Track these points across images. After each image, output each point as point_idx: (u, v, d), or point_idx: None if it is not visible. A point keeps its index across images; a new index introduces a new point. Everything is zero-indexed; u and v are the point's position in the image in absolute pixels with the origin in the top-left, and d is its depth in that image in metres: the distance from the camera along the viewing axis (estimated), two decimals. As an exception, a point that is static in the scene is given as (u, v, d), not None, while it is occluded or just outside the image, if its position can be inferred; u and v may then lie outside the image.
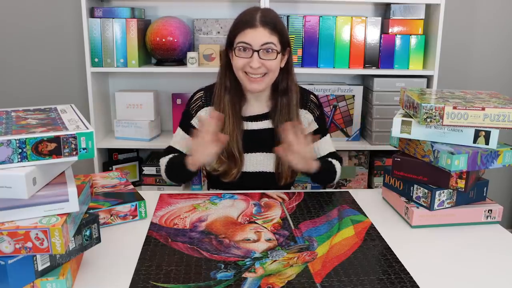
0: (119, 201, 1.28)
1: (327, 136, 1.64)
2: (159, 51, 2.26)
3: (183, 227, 1.24)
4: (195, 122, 1.56)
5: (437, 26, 2.22)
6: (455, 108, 1.21)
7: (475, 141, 1.24)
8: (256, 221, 1.28)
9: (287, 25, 2.26)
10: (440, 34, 2.21)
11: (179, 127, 1.61)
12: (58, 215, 0.90)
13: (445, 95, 1.36)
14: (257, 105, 1.56)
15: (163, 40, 2.23)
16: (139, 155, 2.52)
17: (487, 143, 1.23)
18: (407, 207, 1.30)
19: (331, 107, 2.36)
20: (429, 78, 2.30)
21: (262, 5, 2.16)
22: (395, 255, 1.11)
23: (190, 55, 2.26)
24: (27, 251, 0.86)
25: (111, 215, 1.25)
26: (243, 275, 1.01)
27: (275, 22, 1.44)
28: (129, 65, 2.24)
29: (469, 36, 2.56)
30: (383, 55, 2.30)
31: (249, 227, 1.24)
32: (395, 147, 1.38)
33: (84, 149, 0.90)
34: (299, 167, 1.43)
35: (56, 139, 0.88)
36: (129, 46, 2.22)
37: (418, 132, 1.28)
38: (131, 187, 1.40)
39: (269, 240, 1.17)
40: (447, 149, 1.21)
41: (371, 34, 2.28)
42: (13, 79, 2.50)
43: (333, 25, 2.26)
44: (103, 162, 2.40)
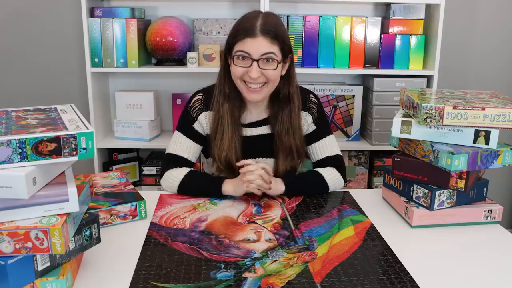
0: (119, 201, 1.28)
1: (328, 138, 1.56)
2: (159, 51, 2.26)
3: (183, 227, 1.24)
4: (197, 126, 1.53)
5: (437, 26, 2.22)
6: (455, 108, 1.21)
7: (475, 141, 1.24)
8: (256, 221, 1.28)
9: (287, 25, 2.26)
10: (440, 34, 2.21)
11: (178, 132, 1.54)
12: (58, 215, 0.90)
13: (445, 95, 1.36)
14: (256, 111, 1.54)
15: (163, 40, 2.23)
16: (139, 155, 2.53)
17: (487, 143, 1.23)
18: (407, 207, 1.29)
19: (331, 107, 2.36)
20: (429, 78, 2.30)
21: (262, 6, 2.16)
22: (395, 255, 1.11)
23: (190, 55, 2.26)
24: (27, 251, 0.86)
25: (111, 215, 1.25)
26: (243, 275, 1.01)
27: (276, 30, 1.38)
28: (129, 65, 2.24)
29: (469, 36, 2.56)
30: (383, 55, 2.30)
31: (249, 227, 1.24)
32: (395, 147, 1.38)
33: (84, 149, 0.90)
34: (269, 193, 1.42)
35: (56, 139, 0.88)
36: (129, 46, 2.22)
37: (418, 132, 1.28)
38: (131, 187, 1.40)
39: (269, 240, 1.17)
40: (447, 149, 1.21)
41: (371, 34, 2.28)
42: (13, 79, 2.50)
43: (333, 25, 2.26)
44: (103, 162, 2.40)
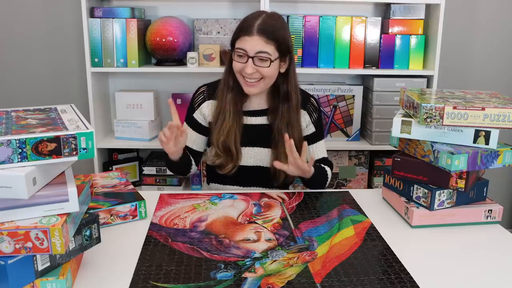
0: (119, 201, 1.28)
1: (322, 141, 1.68)
2: (159, 51, 2.26)
3: (183, 227, 1.24)
4: (197, 115, 1.61)
5: (437, 26, 2.21)
6: (455, 108, 1.21)
7: (475, 141, 1.24)
8: (256, 221, 1.28)
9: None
10: (440, 34, 2.21)
11: (185, 122, 1.64)
12: (58, 215, 0.90)
13: (445, 95, 1.36)
14: (257, 101, 1.61)
15: (163, 40, 2.23)
16: (139, 155, 2.53)
17: (487, 143, 1.23)
18: (407, 207, 1.29)
19: (331, 107, 2.35)
20: (429, 78, 2.30)
21: (262, 6, 2.16)
22: (395, 255, 1.11)
23: (190, 55, 2.26)
24: (27, 251, 0.86)
25: (111, 215, 1.25)
26: (243, 275, 1.01)
27: (273, 30, 1.46)
28: (129, 65, 2.24)
29: (469, 36, 2.56)
30: (383, 55, 2.30)
31: (249, 227, 1.24)
32: (395, 147, 1.38)
33: (84, 149, 0.90)
34: (295, 174, 1.48)
35: (56, 139, 0.88)
36: (129, 46, 2.22)
37: (418, 132, 1.28)
38: (131, 187, 1.40)
39: (269, 240, 1.17)
40: (447, 149, 1.21)
41: (371, 34, 2.28)
42: (13, 79, 2.50)
43: (333, 25, 2.26)
44: (103, 162, 2.40)
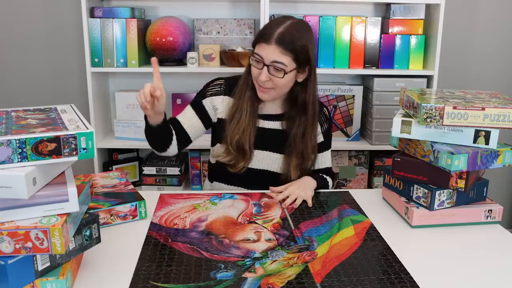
0: (119, 201, 1.28)
1: (329, 151, 1.68)
2: (159, 51, 2.26)
3: (183, 227, 1.24)
4: (206, 103, 1.58)
5: (437, 26, 2.21)
6: (455, 108, 1.21)
7: (475, 141, 1.24)
8: (256, 221, 1.28)
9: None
10: (440, 34, 2.21)
11: (189, 105, 1.60)
12: (58, 215, 0.90)
13: (445, 95, 1.36)
14: (272, 105, 1.59)
15: (163, 40, 2.23)
16: (139, 155, 2.53)
17: (487, 143, 1.23)
18: (407, 207, 1.29)
19: (331, 107, 2.35)
20: (429, 78, 2.30)
21: (262, 6, 2.16)
22: (395, 255, 1.11)
23: (190, 55, 2.26)
24: (27, 251, 0.86)
25: (111, 215, 1.25)
26: (243, 275, 1.01)
27: (292, 40, 1.41)
28: (129, 65, 2.24)
29: (469, 36, 2.56)
30: (383, 55, 2.30)
31: (249, 227, 1.24)
32: (395, 147, 1.38)
33: (84, 149, 0.90)
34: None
35: (56, 139, 0.88)
36: (129, 46, 2.22)
37: (418, 132, 1.28)
38: (131, 187, 1.40)
39: (269, 240, 1.17)
40: (447, 149, 1.21)
41: (371, 34, 2.28)
42: (13, 79, 2.50)
43: (333, 25, 2.26)
44: (103, 162, 2.40)
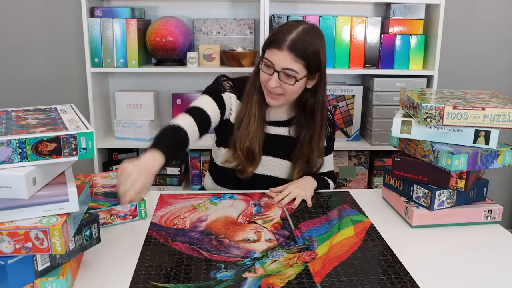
0: (119, 201, 1.28)
1: (331, 155, 1.67)
2: (159, 51, 2.26)
3: (183, 227, 1.24)
4: (225, 97, 1.52)
5: (437, 26, 2.22)
6: (455, 108, 1.21)
7: (475, 141, 1.24)
8: (256, 221, 1.28)
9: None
10: (440, 34, 2.21)
11: (205, 94, 1.52)
12: (58, 215, 0.90)
13: (445, 95, 1.36)
14: (279, 111, 1.56)
15: (163, 40, 2.23)
16: (139, 155, 2.52)
17: (487, 143, 1.23)
18: (407, 207, 1.29)
19: (331, 107, 2.35)
20: (429, 78, 2.30)
21: (262, 6, 2.16)
22: (395, 255, 1.11)
23: (190, 55, 2.26)
24: (27, 251, 0.86)
25: (111, 215, 1.25)
26: (243, 275, 1.01)
27: (305, 47, 1.38)
28: (129, 65, 2.24)
29: (469, 36, 2.56)
30: (383, 55, 2.30)
31: (249, 227, 1.24)
32: (395, 147, 1.38)
33: (84, 149, 0.90)
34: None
35: (56, 139, 0.88)
36: (129, 46, 2.22)
37: (418, 132, 1.28)
38: (131, 187, 1.39)
39: (269, 240, 1.17)
40: (447, 149, 1.21)
41: (371, 34, 2.28)
42: (13, 79, 2.50)
43: (333, 25, 2.26)
44: (103, 162, 2.40)
